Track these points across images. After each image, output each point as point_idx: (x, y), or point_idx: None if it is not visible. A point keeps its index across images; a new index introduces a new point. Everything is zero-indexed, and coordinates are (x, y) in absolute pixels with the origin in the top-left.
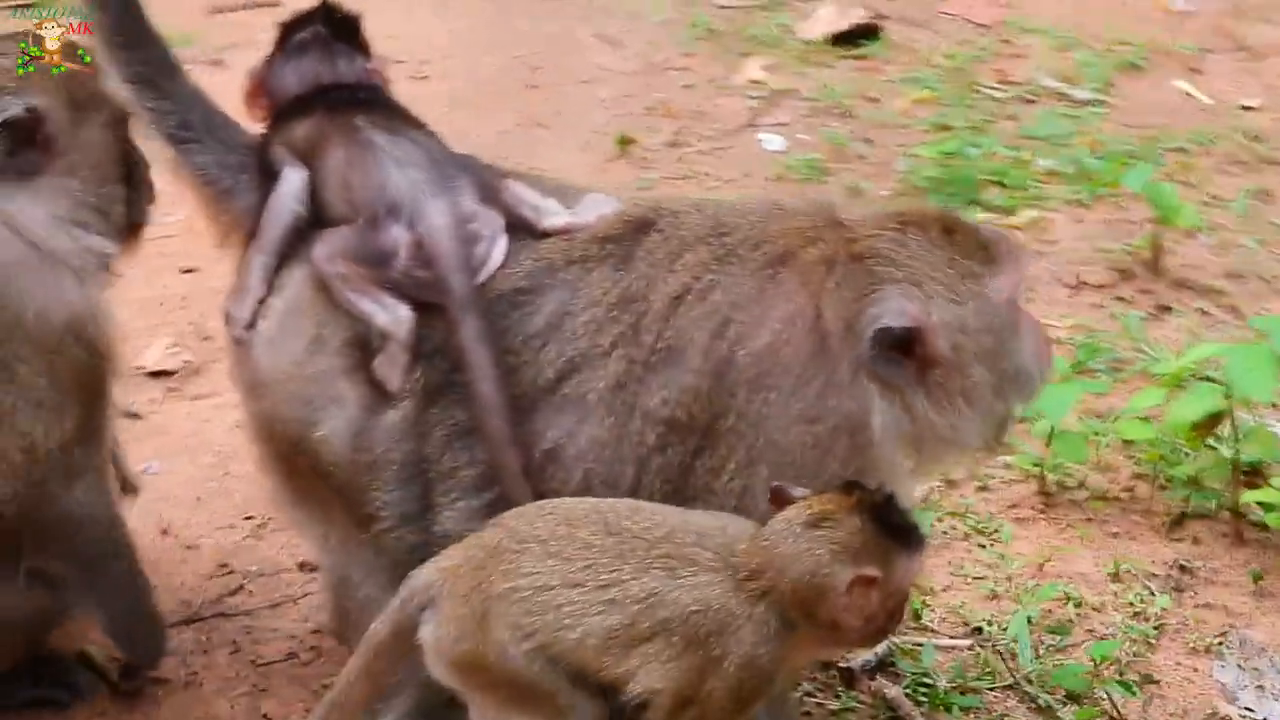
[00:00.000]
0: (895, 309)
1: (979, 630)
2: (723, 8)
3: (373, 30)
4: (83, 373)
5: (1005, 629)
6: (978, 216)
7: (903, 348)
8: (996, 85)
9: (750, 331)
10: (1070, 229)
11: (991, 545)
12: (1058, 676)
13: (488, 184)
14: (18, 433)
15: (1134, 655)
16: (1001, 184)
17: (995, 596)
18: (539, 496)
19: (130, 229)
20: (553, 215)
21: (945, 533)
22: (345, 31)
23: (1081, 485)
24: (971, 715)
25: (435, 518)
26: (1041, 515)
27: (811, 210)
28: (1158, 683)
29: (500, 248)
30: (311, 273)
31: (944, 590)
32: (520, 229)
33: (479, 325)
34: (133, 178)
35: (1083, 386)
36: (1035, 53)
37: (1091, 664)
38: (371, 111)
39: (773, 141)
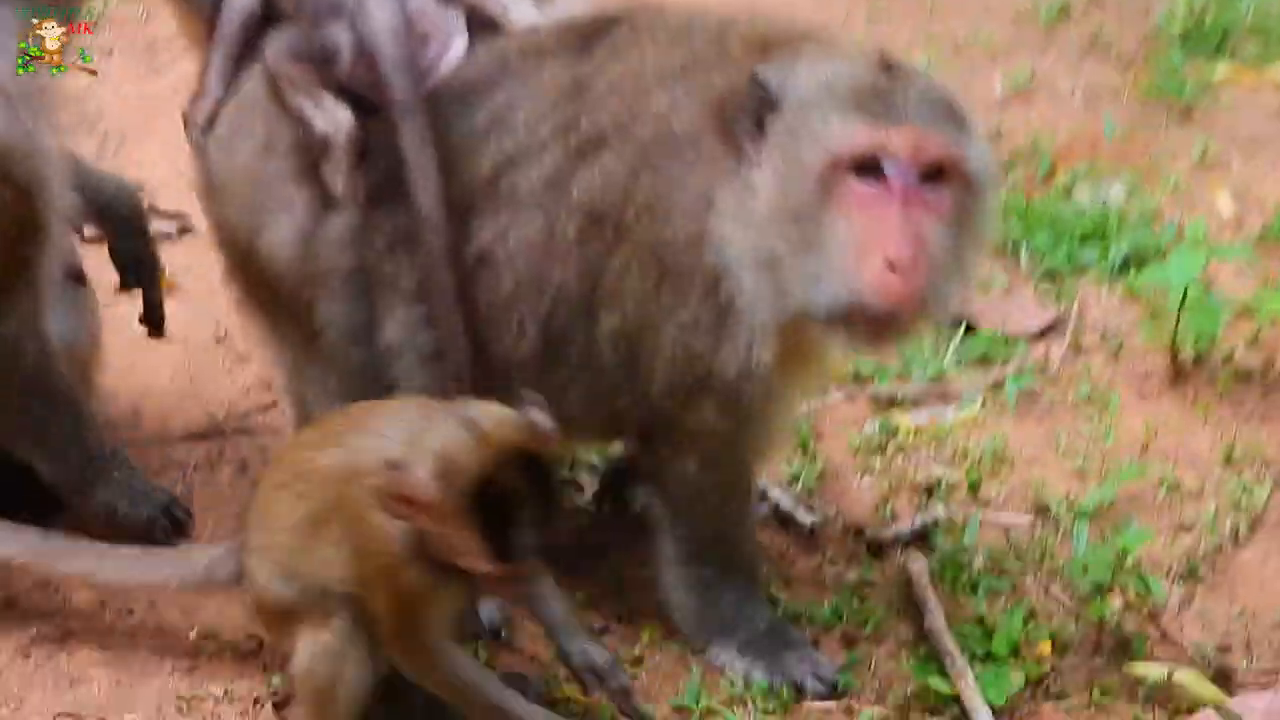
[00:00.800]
0: (783, 69)
1: (1046, 509)
2: None
3: None
4: (4, 213)
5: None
6: (1219, 69)
7: (760, 115)
8: None
9: (661, 101)
10: None
11: (1099, 418)
12: (1076, 565)
13: None
14: None
15: (1214, 548)
16: (1262, 33)
17: (1081, 474)
18: (470, 306)
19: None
20: (520, 13)
21: (1053, 401)
22: None
23: (1229, 360)
24: (995, 600)
25: (379, 330)
26: (1170, 390)
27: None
28: (1213, 576)
29: (456, 48)
30: (265, 74)
31: (1027, 462)
32: (488, 28)
33: (421, 131)
34: None
35: (1212, 252)
36: None
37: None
38: None
39: None
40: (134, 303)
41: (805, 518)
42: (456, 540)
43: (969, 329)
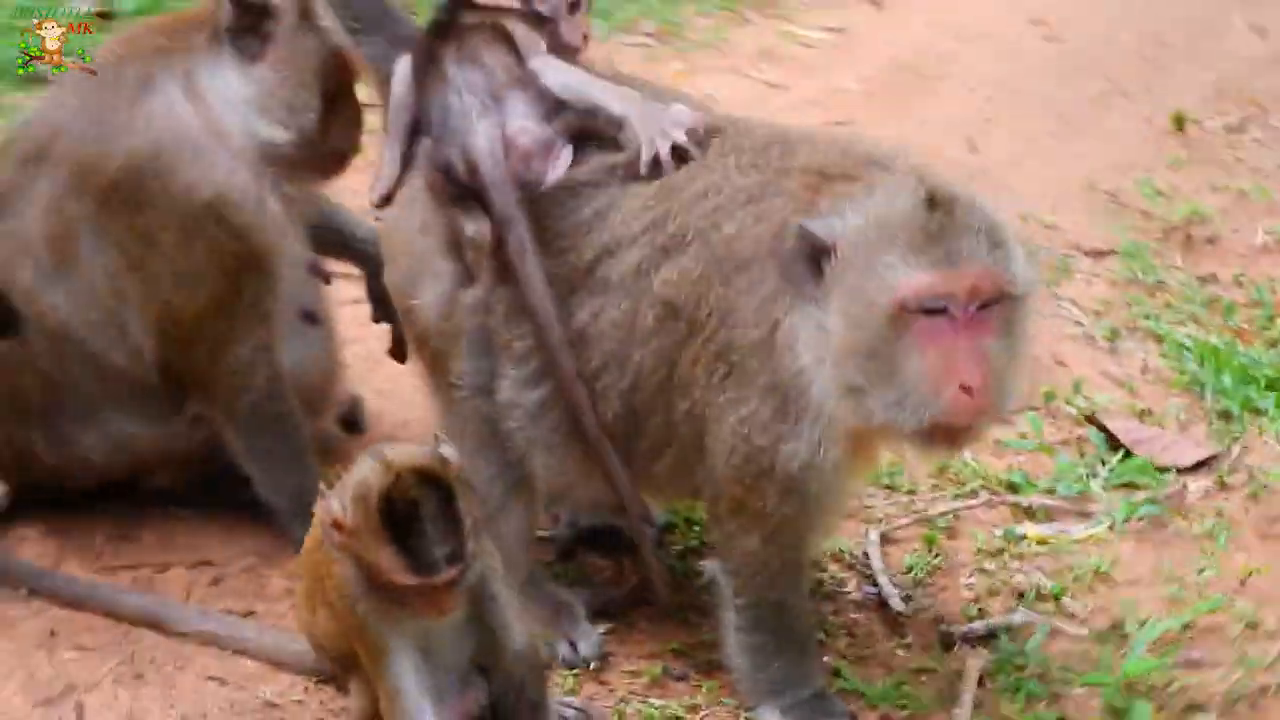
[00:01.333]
0: (830, 219)
1: (1119, 627)
2: None
3: None
4: (221, 253)
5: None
6: None
7: (815, 259)
8: None
9: (732, 223)
10: None
11: (1210, 551)
12: (1085, 678)
13: (554, 103)
14: (159, 299)
15: (1260, 688)
16: None
17: (1172, 601)
18: None
19: (332, 156)
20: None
21: (1176, 531)
22: None
23: None
24: (1032, 705)
25: (498, 387)
26: None
27: (864, 148)
28: (1251, 714)
29: (561, 163)
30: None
31: (1127, 583)
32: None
33: (521, 239)
34: (338, 104)
35: None
36: None
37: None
38: (465, 36)
39: None
40: None
41: (897, 604)
42: (379, 558)
43: (1126, 455)
